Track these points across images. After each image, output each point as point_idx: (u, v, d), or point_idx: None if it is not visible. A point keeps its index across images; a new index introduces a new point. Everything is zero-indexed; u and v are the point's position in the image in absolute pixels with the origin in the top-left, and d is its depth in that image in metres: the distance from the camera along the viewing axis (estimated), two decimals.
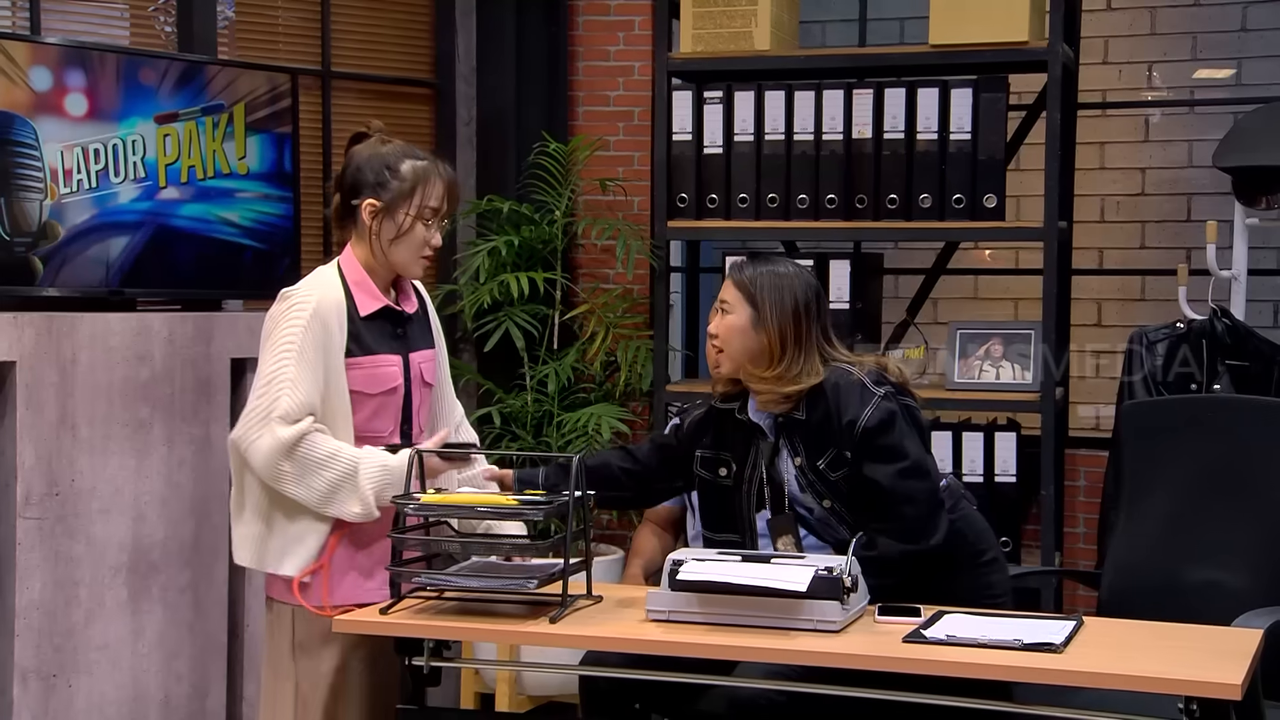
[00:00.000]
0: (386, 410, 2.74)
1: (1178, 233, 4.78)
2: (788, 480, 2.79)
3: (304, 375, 2.63)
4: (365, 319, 2.72)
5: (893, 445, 2.70)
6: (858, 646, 2.41)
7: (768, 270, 2.80)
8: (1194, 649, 2.40)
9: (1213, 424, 3.07)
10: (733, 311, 2.79)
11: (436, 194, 2.74)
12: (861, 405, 2.70)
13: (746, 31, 3.99)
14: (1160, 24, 4.84)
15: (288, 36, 4.40)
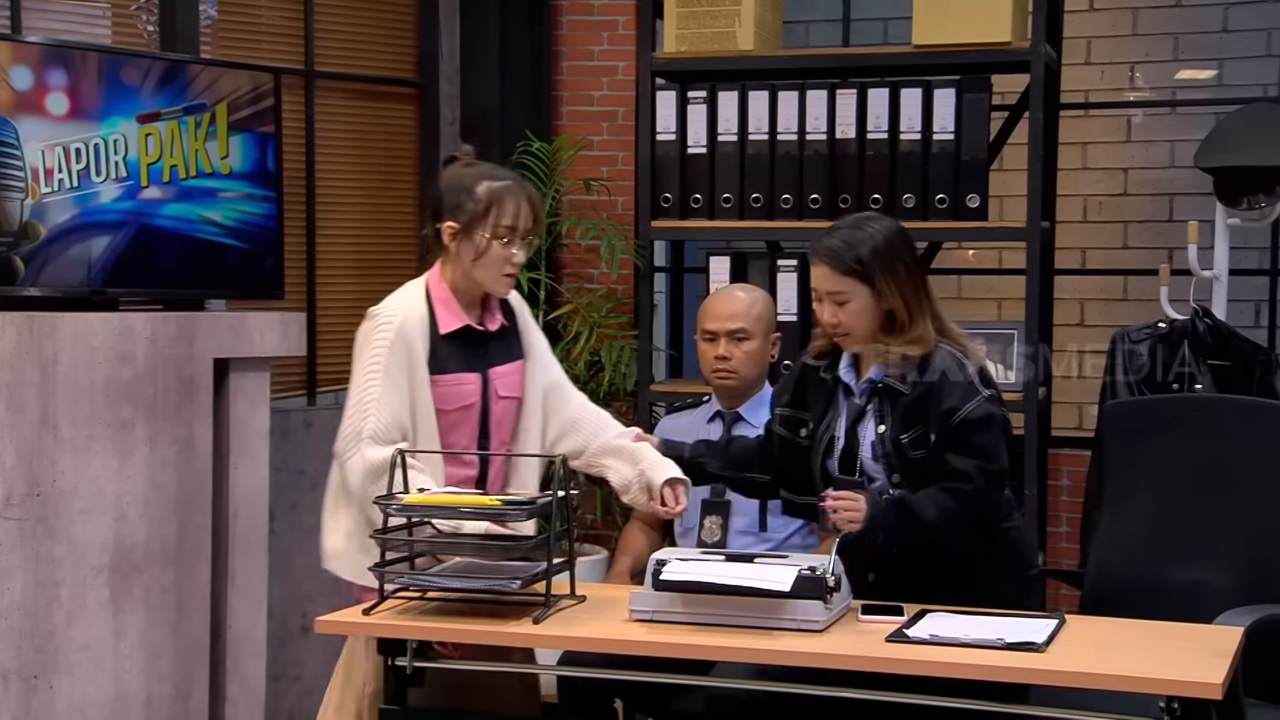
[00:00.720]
0: (462, 425, 2.84)
1: (1160, 233, 4.79)
2: (863, 446, 2.77)
3: (389, 394, 2.77)
4: (444, 337, 2.84)
5: (987, 445, 2.69)
6: (840, 646, 2.41)
7: (860, 236, 2.75)
8: (1176, 648, 2.40)
9: (1195, 424, 3.08)
10: (851, 299, 2.75)
11: (510, 213, 2.80)
12: (965, 398, 2.69)
13: (730, 31, 3.99)
14: (1142, 25, 4.85)
15: (271, 36, 4.38)
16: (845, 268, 2.74)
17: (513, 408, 2.91)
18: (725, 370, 3.26)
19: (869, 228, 2.78)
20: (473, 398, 2.84)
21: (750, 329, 3.30)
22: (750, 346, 3.30)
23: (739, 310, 3.31)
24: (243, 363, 3.70)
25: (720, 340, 3.29)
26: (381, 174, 4.69)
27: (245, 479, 3.72)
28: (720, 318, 3.31)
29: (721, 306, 3.34)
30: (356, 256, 4.65)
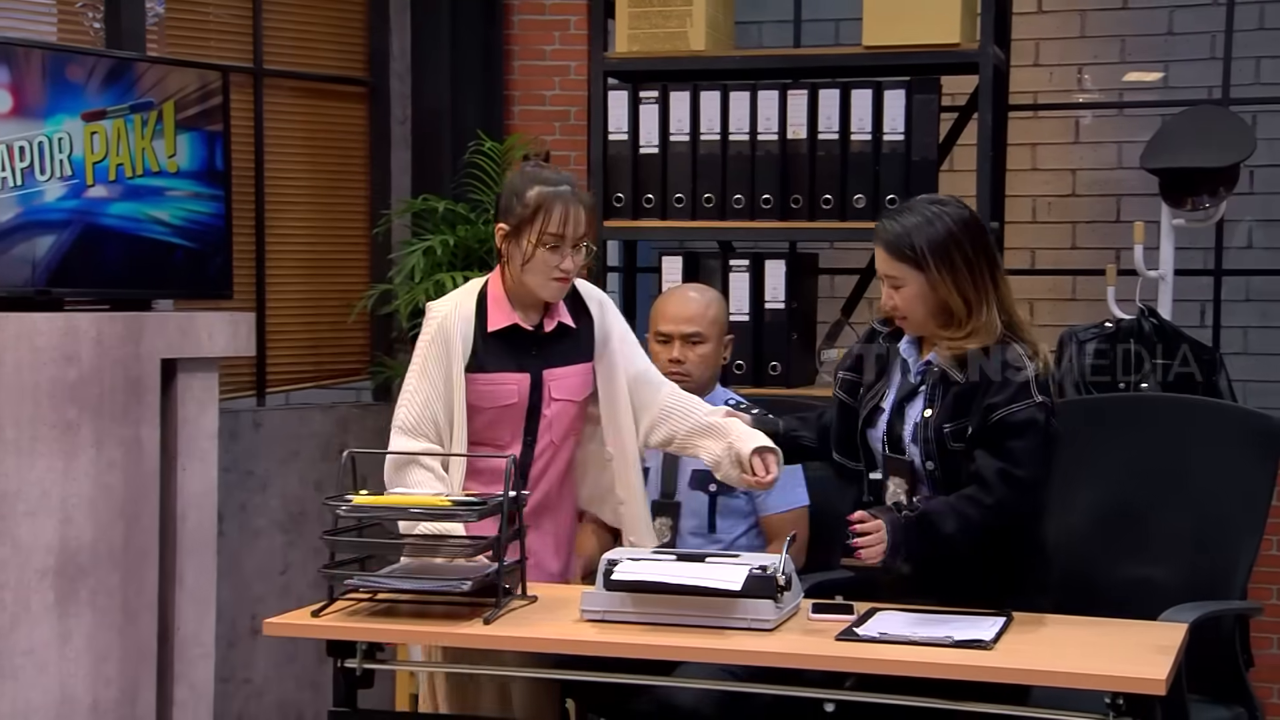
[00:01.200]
0: (503, 422, 2.86)
1: (1107, 233, 4.84)
2: (907, 425, 2.72)
3: (423, 388, 2.84)
4: (493, 335, 2.85)
5: (1019, 451, 2.60)
6: (791, 645, 2.42)
7: (919, 222, 2.66)
8: (1120, 644, 2.43)
9: (1140, 422, 3.12)
10: (905, 284, 2.68)
11: (557, 220, 2.80)
12: (1012, 399, 2.60)
13: (682, 32, 4.00)
14: (1090, 27, 4.90)
15: (219, 33, 4.35)
16: (899, 253, 2.67)
17: (571, 410, 2.90)
18: (679, 374, 3.26)
19: (930, 212, 2.67)
20: (513, 398, 2.84)
21: (705, 332, 3.30)
22: (704, 350, 3.30)
23: (694, 313, 3.31)
24: (191, 363, 3.67)
25: (674, 343, 3.29)
26: (331, 173, 4.67)
27: (193, 480, 3.70)
28: (675, 320, 3.30)
29: (676, 309, 3.34)
30: (306, 256, 4.62)
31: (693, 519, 3.24)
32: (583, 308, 2.94)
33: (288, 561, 4.44)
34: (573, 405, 2.91)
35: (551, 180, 2.84)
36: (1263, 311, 4.73)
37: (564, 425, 2.91)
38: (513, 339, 2.87)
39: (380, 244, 4.70)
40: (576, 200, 2.83)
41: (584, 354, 2.92)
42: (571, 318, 2.92)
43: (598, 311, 2.94)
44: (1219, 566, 2.94)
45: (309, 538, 4.39)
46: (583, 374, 2.92)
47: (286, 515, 4.44)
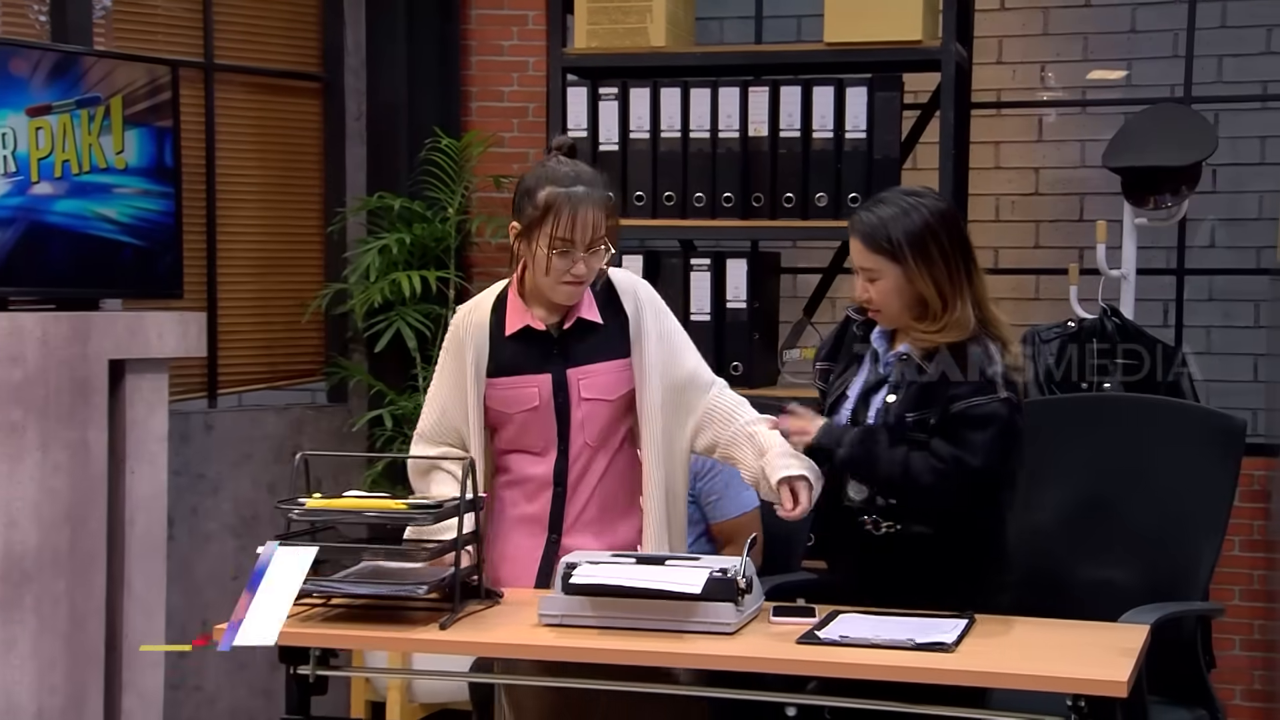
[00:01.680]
0: (533, 427, 2.77)
1: (1071, 232, 4.88)
2: (871, 413, 2.73)
3: (439, 394, 2.82)
4: (510, 338, 2.78)
5: (975, 442, 2.62)
6: (751, 648, 2.43)
7: (895, 213, 2.67)
8: (1082, 646, 2.45)
9: (1102, 422, 3.14)
10: (881, 277, 2.68)
11: (565, 224, 2.67)
12: (976, 392, 2.63)
13: (642, 28, 4.00)
14: (1053, 24, 4.94)
15: (168, 27, 4.32)
16: (875, 245, 2.66)
17: (603, 410, 2.77)
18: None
19: (906, 204, 2.68)
20: (534, 401, 2.75)
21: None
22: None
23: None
24: (140, 364, 3.65)
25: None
26: (284, 170, 4.65)
27: (142, 484, 3.67)
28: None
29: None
30: (258, 254, 4.60)
31: None
32: (617, 302, 2.81)
33: (240, 566, 4.41)
34: (606, 405, 2.77)
35: (565, 179, 2.71)
36: (1225, 311, 4.78)
37: (599, 426, 2.78)
38: (531, 340, 2.77)
39: (335, 242, 4.68)
40: (590, 201, 2.69)
41: (617, 351, 2.78)
42: (601, 313, 2.79)
43: (632, 308, 2.80)
44: (1181, 567, 2.97)
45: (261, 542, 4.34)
46: (616, 371, 2.78)
47: (238, 519, 4.42)
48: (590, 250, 2.70)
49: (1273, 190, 4.56)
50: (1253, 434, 3.74)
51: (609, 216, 2.73)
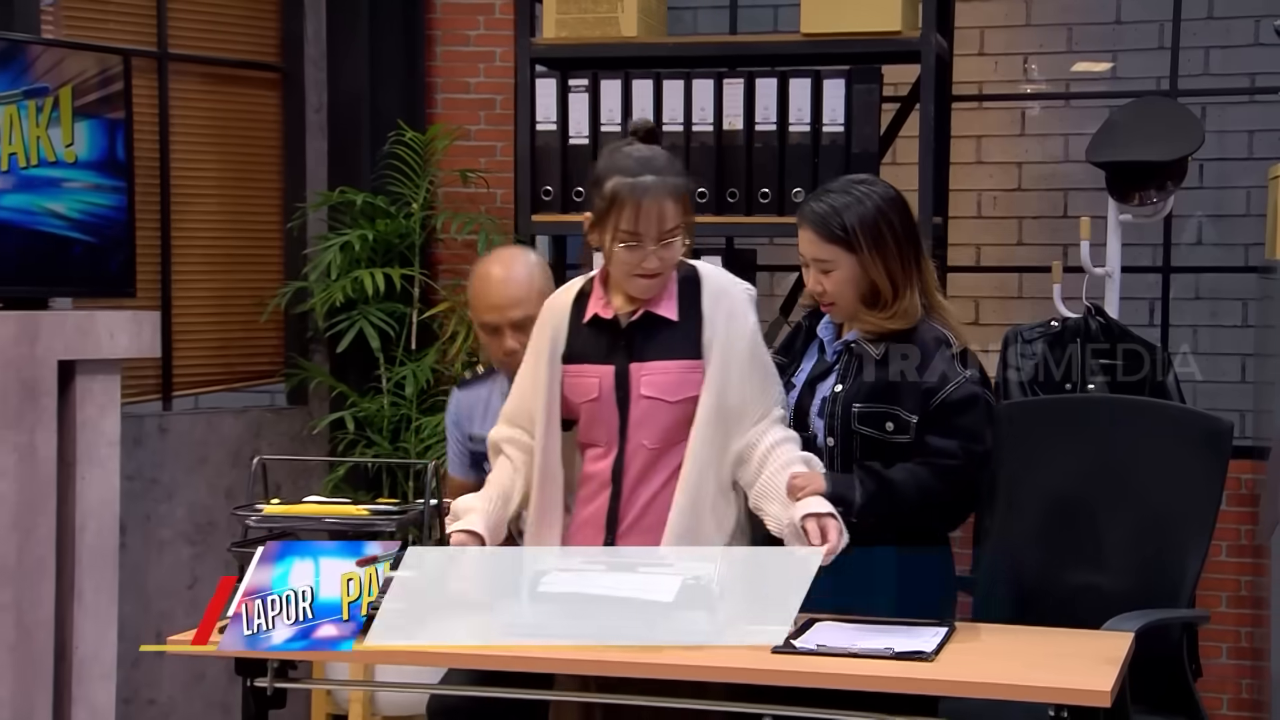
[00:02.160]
0: (595, 421, 2.75)
1: (1054, 229, 4.90)
2: (815, 401, 2.76)
3: (523, 379, 2.82)
4: (586, 324, 2.78)
5: (970, 426, 2.69)
6: (725, 658, 2.43)
7: (848, 201, 2.71)
8: (1065, 654, 2.46)
9: (1087, 424, 3.16)
10: (835, 267, 2.72)
11: (629, 218, 2.64)
12: (945, 379, 2.68)
13: (613, 17, 4.00)
14: (1036, 15, 4.95)
15: (120, 15, 4.30)
16: (830, 234, 2.71)
17: (663, 411, 2.71)
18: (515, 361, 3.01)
19: (858, 192, 2.73)
20: (594, 393, 2.73)
21: (531, 311, 3.02)
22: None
23: (520, 296, 3.08)
24: (91, 365, 3.63)
25: (505, 332, 3.08)
26: (242, 163, 4.63)
27: (93, 489, 3.65)
28: (500, 308, 3.08)
29: (498, 296, 3.09)
30: (215, 251, 4.58)
31: None
32: (699, 301, 2.74)
33: (195, 575, 4.39)
34: (665, 405, 2.71)
35: (632, 169, 2.66)
36: (1213, 310, 4.81)
37: (657, 427, 2.71)
38: (602, 328, 2.76)
39: (295, 239, 4.67)
40: (659, 193, 2.64)
41: (687, 351, 2.72)
42: (680, 309, 2.73)
43: (709, 309, 2.73)
44: (1167, 573, 2.98)
45: (218, 550, 4.35)
46: (682, 372, 2.71)
47: (193, 526, 4.40)
48: (662, 243, 2.67)
49: (1261, 185, 4.59)
50: (1240, 436, 3.76)
51: (683, 207, 2.69)
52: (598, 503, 2.75)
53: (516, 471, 2.78)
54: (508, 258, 3.19)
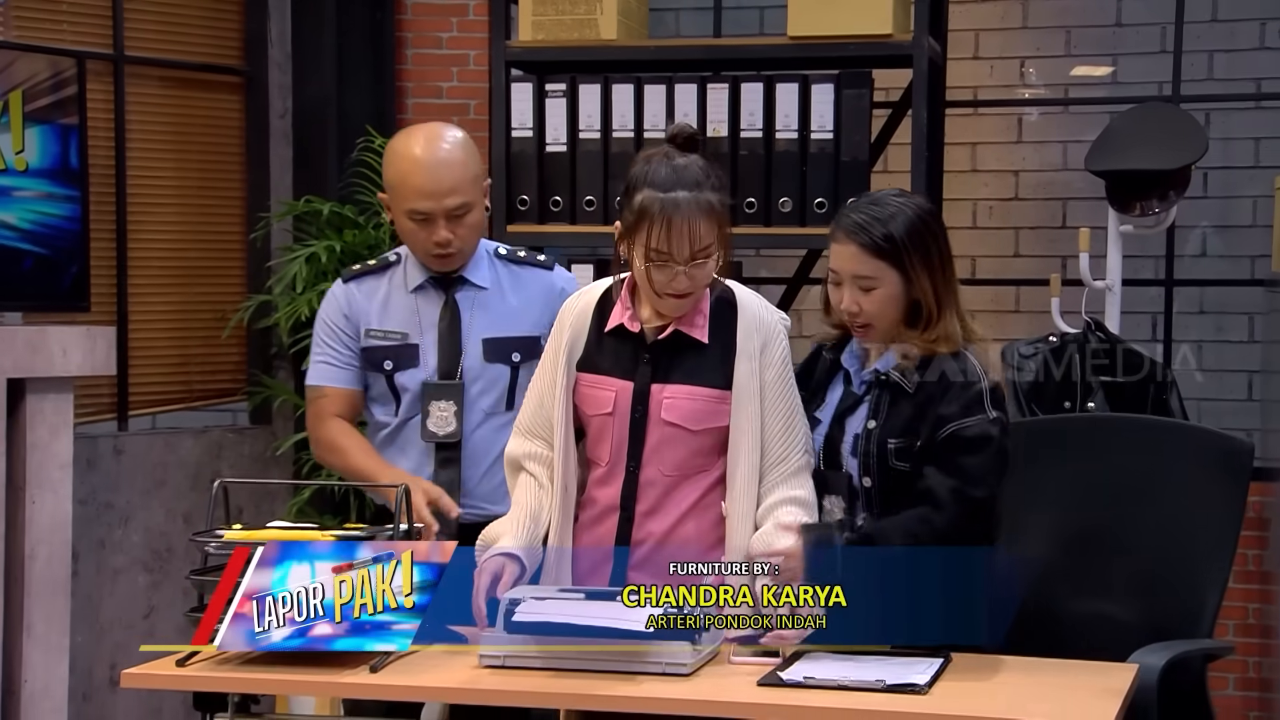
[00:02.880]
0: (603, 437, 2.71)
1: (1052, 240, 4.92)
2: (846, 438, 2.70)
3: (538, 386, 2.78)
4: (607, 333, 2.74)
5: (972, 468, 2.61)
6: (708, 691, 2.42)
7: (893, 212, 2.64)
8: (1065, 687, 2.46)
9: (1090, 445, 3.14)
10: (878, 284, 2.64)
11: (657, 235, 2.58)
12: (966, 412, 2.61)
13: (592, 19, 4.01)
14: (1033, 18, 4.98)
15: (73, 15, 4.29)
16: (875, 247, 2.62)
17: (682, 439, 2.67)
18: (450, 253, 2.98)
19: (894, 203, 2.66)
20: (608, 407, 2.69)
21: (472, 199, 2.97)
22: (474, 218, 2.98)
23: (457, 181, 2.95)
24: (41, 383, 3.62)
25: (438, 221, 2.94)
26: (203, 171, 4.63)
27: (44, 513, 3.63)
28: (436, 195, 2.94)
29: (431, 181, 2.94)
30: (174, 264, 4.57)
31: (488, 396, 3.05)
32: (732, 325, 2.70)
33: (151, 604, 4.37)
34: (687, 434, 2.67)
35: (665, 182, 2.60)
36: (1218, 325, 4.83)
37: (676, 457, 2.67)
38: (624, 340, 2.71)
39: (258, 250, 4.66)
40: (690, 210, 2.58)
41: (715, 379, 2.68)
42: (711, 331, 2.70)
43: (743, 339, 2.69)
44: (1184, 602, 2.96)
45: (176, 578, 4.33)
46: (708, 401, 2.67)
47: (150, 553, 4.38)
48: (693, 263, 2.62)
49: (1267, 195, 4.62)
50: None
51: (717, 224, 2.63)
52: (603, 529, 2.73)
53: (542, 488, 2.74)
54: (434, 135, 3.03)
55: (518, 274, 3.11)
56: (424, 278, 3.05)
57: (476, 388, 3.03)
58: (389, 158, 3.05)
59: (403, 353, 3.02)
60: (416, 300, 3.04)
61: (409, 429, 3.05)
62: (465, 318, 3.04)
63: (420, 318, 3.03)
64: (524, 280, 3.11)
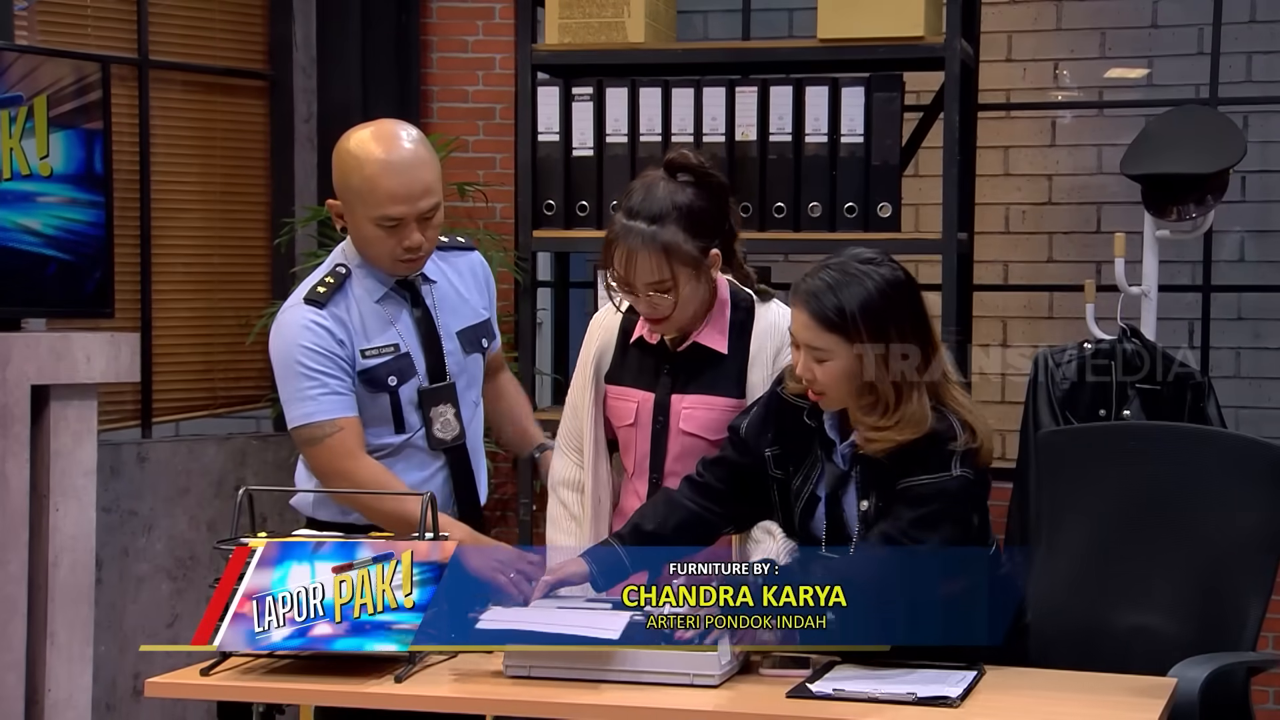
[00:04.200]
0: (629, 448, 2.79)
1: (1086, 245, 4.90)
2: (849, 515, 2.63)
3: (572, 398, 2.84)
4: (633, 344, 2.80)
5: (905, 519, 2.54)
6: (736, 703, 2.42)
7: (848, 282, 2.51)
8: (1101, 701, 2.44)
9: (1129, 453, 3.11)
10: (830, 357, 2.51)
11: (618, 262, 2.64)
12: (925, 470, 2.53)
13: (619, 22, 4.01)
14: (1067, 19, 4.97)
15: (98, 20, 4.32)
16: (825, 319, 2.50)
17: (700, 449, 2.72)
18: (420, 257, 2.86)
19: (856, 270, 2.52)
20: (631, 417, 2.77)
21: (440, 197, 2.84)
22: (440, 216, 2.85)
23: (430, 181, 2.81)
24: (65, 390, 3.63)
25: (410, 226, 2.79)
26: (227, 176, 4.64)
27: (68, 522, 3.65)
28: (410, 199, 2.78)
29: (405, 184, 2.78)
30: (198, 270, 4.59)
31: (473, 388, 3.00)
32: (749, 333, 2.75)
33: (175, 613, 4.39)
34: (706, 444, 2.72)
35: (633, 209, 2.65)
36: (1255, 331, 4.81)
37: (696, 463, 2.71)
38: (647, 352, 2.78)
39: (282, 256, 4.67)
40: (645, 246, 2.61)
41: (731, 389, 2.73)
42: (732, 343, 2.74)
43: (756, 347, 2.73)
44: (1227, 615, 2.93)
45: (199, 586, 4.35)
46: (725, 410, 2.71)
47: (174, 561, 4.39)
48: (651, 292, 2.64)
49: None
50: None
51: (677, 261, 2.62)
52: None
53: (573, 518, 2.81)
54: (392, 134, 2.84)
55: (451, 260, 3.01)
56: (386, 285, 2.89)
57: (462, 382, 2.96)
58: (346, 161, 2.83)
59: (402, 365, 2.89)
60: (385, 309, 2.89)
61: (411, 442, 2.95)
62: (434, 315, 2.94)
63: (398, 325, 2.90)
64: (457, 265, 3.02)
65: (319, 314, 2.83)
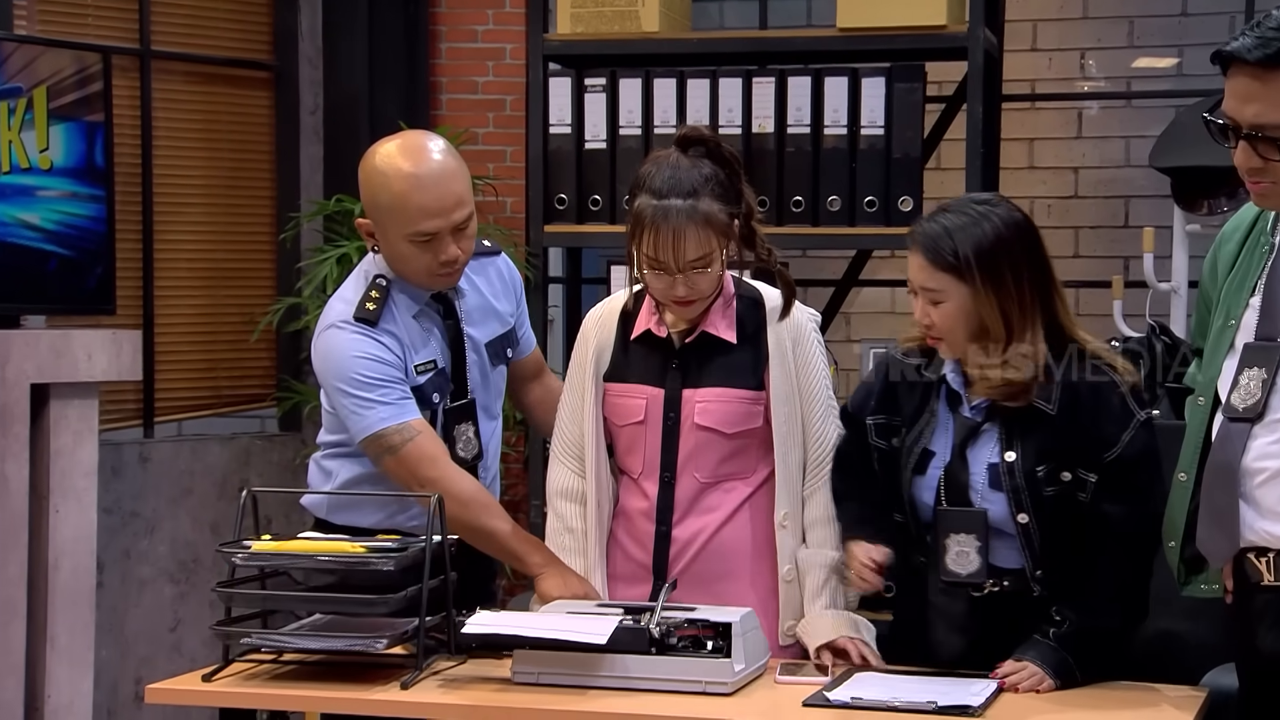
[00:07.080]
0: (635, 447, 2.75)
1: (1115, 240, 4.90)
2: (974, 471, 2.62)
3: (567, 403, 2.82)
4: (634, 341, 2.77)
5: (1145, 486, 2.56)
6: (750, 712, 2.42)
7: (963, 223, 2.57)
8: (1130, 711, 2.44)
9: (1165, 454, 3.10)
10: (945, 299, 2.57)
11: (649, 242, 2.61)
12: (1120, 427, 2.56)
13: (633, 10, 4.01)
14: (1093, 7, 4.96)
15: (99, 9, 4.33)
16: (941, 261, 2.56)
17: (716, 443, 2.71)
18: (457, 270, 2.84)
19: (973, 213, 2.59)
20: (639, 415, 2.73)
21: (472, 207, 2.83)
22: (474, 226, 2.84)
23: (461, 192, 2.80)
24: (66, 388, 3.65)
25: (446, 239, 2.77)
26: (231, 170, 4.65)
27: (68, 523, 3.66)
28: (445, 212, 2.76)
29: (438, 198, 2.76)
30: (201, 265, 4.60)
31: (496, 402, 3.00)
32: (761, 324, 2.74)
33: (178, 617, 4.40)
34: (722, 438, 2.71)
35: (661, 188, 2.62)
36: None
37: (711, 462, 2.71)
38: (652, 346, 2.75)
39: (287, 251, 4.68)
40: (683, 220, 2.59)
41: (747, 380, 2.72)
42: (740, 331, 2.73)
43: (774, 337, 2.73)
44: None
45: (202, 589, 4.36)
46: (741, 402, 2.71)
47: (177, 563, 4.41)
48: (691, 270, 2.63)
49: None
50: None
51: (716, 232, 2.63)
52: (637, 542, 2.76)
53: (570, 531, 2.79)
54: (419, 147, 2.84)
55: (479, 268, 2.98)
56: (420, 301, 2.87)
57: (482, 397, 2.96)
58: (374, 179, 2.82)
59: (442, 382, 2.89)
60: (420, 324, 2.87)
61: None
62: (463, 329, 2.93)
63: (434, 341, 2.89)
64: (486, 272, 3.00)
65: (373, 330, 2.80)
